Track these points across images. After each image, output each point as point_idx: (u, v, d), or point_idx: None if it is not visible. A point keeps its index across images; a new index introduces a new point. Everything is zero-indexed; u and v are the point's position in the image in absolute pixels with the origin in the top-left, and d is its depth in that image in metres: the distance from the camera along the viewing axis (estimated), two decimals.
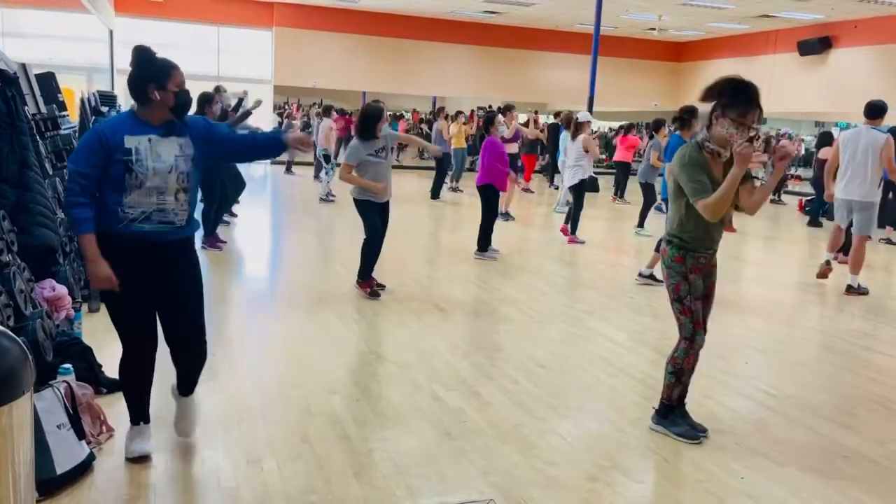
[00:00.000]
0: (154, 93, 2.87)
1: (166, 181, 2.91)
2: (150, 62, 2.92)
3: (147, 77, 2.88)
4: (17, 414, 1.78)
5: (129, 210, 2.87)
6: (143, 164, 2.85)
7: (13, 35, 12.97)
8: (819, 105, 19.86)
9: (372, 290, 5.93)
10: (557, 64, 22.83)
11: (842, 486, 3.18)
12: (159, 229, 2.94)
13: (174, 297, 3.07)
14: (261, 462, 3.10)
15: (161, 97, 2.88)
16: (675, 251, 3.45)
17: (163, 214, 2.93)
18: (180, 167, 2.94)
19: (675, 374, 3.56)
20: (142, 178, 2.85)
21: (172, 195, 2.94)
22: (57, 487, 2.74)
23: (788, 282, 7.88)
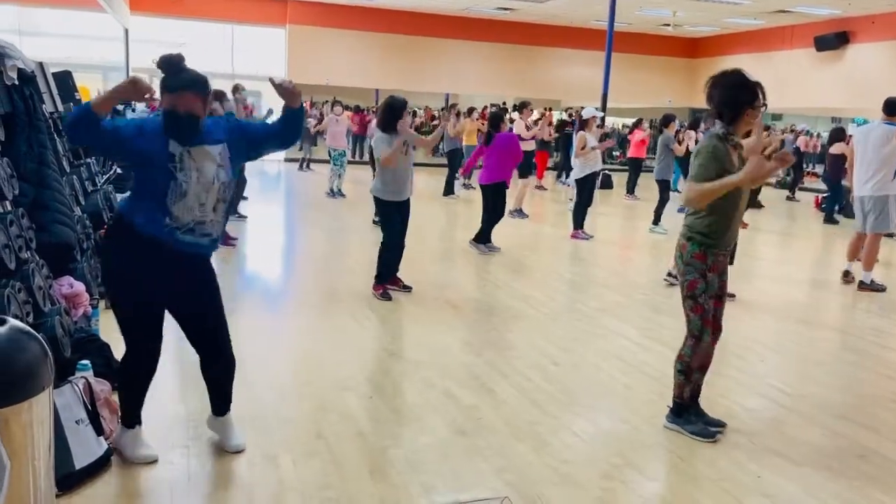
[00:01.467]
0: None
1: (208, 192, 2.86)
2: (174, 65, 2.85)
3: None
4: (36, 409, 1.81)
5: (172, 221, 2.81)
6: (187, 173, 2.80)
7: (30, 34, 13.10)
8: (836, 101, 19.69)
9: (384, 292, 5.84)
10: (571, 60, 22.76)
11: (859, 485, 3.16)
12: (198, 241, 2.90)
13: (201, 310, 3.07)
14: (276, 459, 3.12)
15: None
16: (695, 248, 3.41)
17: (203, 227, 2.89)
18: (221, 177, 2.89)
19: (684, 372, 3.54)
20: (185, 187, 2.79)
21: (212, 207, 2.89)
22: (76, 482, 2.77)
23: (804, 279, 7.82)
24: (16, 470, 1.75)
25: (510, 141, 7.91)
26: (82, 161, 6.03)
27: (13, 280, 3.36)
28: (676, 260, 3.55)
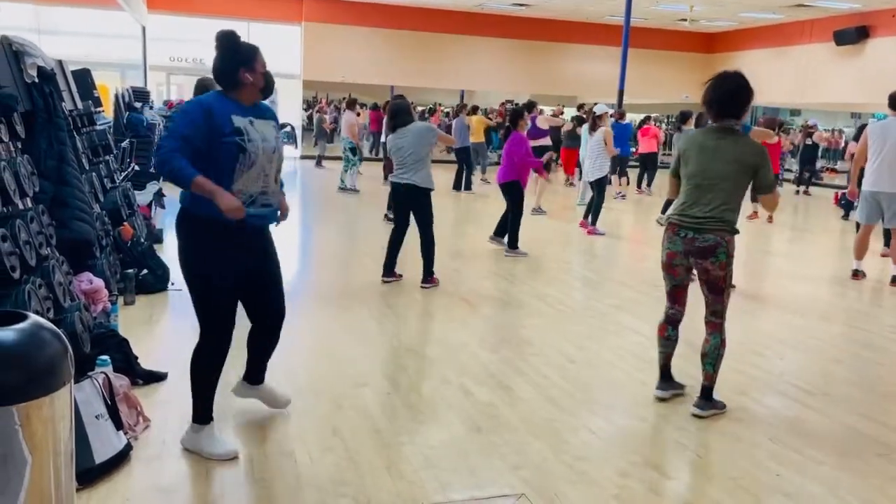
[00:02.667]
0: (245, 75, 2.93)
1: (271, 162, 2.97)
2: (236, 46, 2.97)
3: (238, 61, 2.93)
4: (57, 404, 1.82)
5: (237, 194, 2.87)
6: (255, 143, 2.89)
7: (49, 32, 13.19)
8: (855, 96, 19.43)
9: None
10: (587, 56, 22.62)
11: (879, 483, 3.13)
12: (261, 213, 3.00)
13: (268, 278, 3.19)
14: (293, 454, 3.13)
15: (253, 79, 2.94)
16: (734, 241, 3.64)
17: (265, 197, 2.99)
18: (278, 148, 3.03)
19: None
20: (253, 158, 2.89)
21: (273, 177, 3.01)
22: (96, 477, 2.79)
23: (823, 276, 7.74)
24: (37, 464, 1.77)
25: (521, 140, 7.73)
26: (101, 158, 6.08)
27: (34, 276, 3.40)
28: (719, 255, 3.60)
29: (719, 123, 3.63)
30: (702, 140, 3.69)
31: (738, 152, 3.58)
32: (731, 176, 3.59)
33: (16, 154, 3.77)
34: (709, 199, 3.59)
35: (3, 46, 4.12)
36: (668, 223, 3.75)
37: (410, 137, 5.99)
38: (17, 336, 1.76)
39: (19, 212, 3.55)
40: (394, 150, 6.10)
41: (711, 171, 3.60)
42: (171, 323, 5.07)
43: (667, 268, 3.79)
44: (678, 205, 3.72)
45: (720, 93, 3.59)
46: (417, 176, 5.97)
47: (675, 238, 3.68)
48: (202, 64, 19.81)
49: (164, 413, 3.44)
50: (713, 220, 3.58)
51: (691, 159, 3.69)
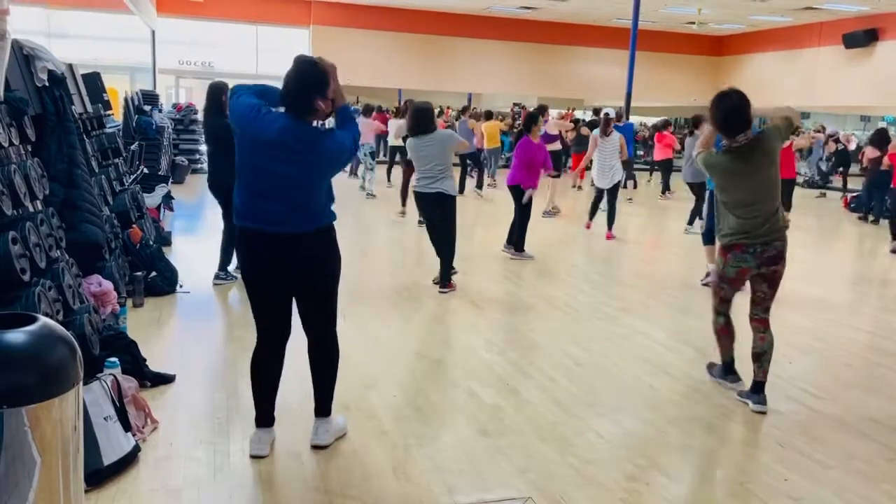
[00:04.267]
0: (319, 103, 2.95)
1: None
2: (315, 73, 2.95)
3: (315, 89, 2.93)
4: (66, 406, 1.83)
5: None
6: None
7: (60, 36, 13.30)
8: (865, 99, 19.35)
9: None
10: (595, 59, 22.60)
11: (889, 489, 3.11)
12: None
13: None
14: (300, 456, 3.14)
15: (324, 106, 2.97)
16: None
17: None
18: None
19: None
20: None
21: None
22: (104, 478, 2.81)
23: (833, 279, 7.70)
24: (46, 465, 1.78)
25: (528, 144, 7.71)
26: (110, 161, 6.12)
27: (43, 278, 3.42)
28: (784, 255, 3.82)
29: (733, 141, 3.74)
30: (727, 165, 3.78)
31: (765, 155, 3.74)
32: (773, 179, 3.77)
33: (26, 157, 3.80)
34: (764, 212, 3.75)
35: (15, 50, 4.15)
36: (732, 244, 3.82)
37: (436, 147, 5.94)
38: (27, 338, 1.77)
39: (29, 214, 3.58)
40: (418, 157, 6.01)
41: (757, 191, 3.75)
42: (180, 325, 5.09)
43: (734, 282, 3.95)
44: (737, 228, 3.80)
45: (725, 112, 3.72)
46: (445, 184, 5.98)
47: (745, 256, 3.81)
48: (211, 67, 19.90)
49: (172, 415, 3.46)
50: (774, 230, 3.77)
51: (727, 187, 3.82)
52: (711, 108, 3.78)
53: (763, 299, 3.91)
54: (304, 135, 2.92)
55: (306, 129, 2.94)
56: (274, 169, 2.90)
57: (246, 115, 2.95)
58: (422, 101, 6.30)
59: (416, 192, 6.14)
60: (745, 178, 3.75)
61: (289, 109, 2.94)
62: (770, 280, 3.86)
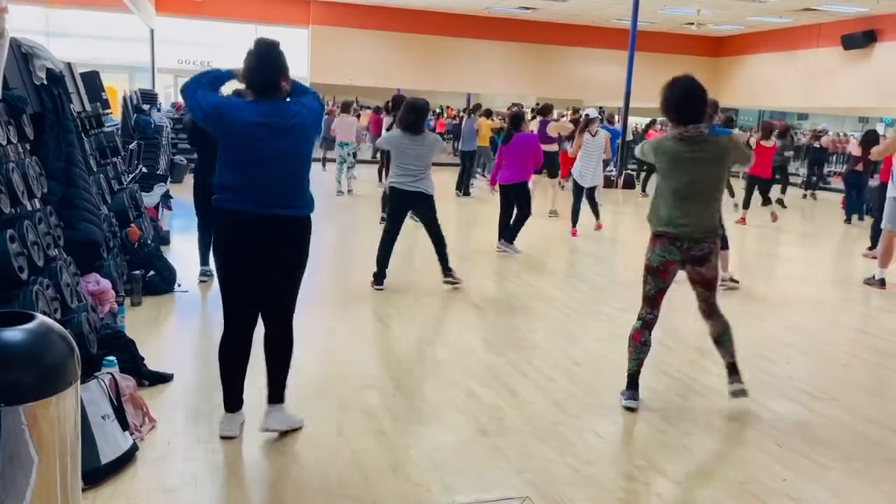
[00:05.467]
0: (284, 84, 3.09)
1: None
2: (276, 55, 3.11)
3: (278, 70, 3.09)
4: (64, 405, 1.82)
5: None
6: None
7: (58, 35, 13.30)
8: (863, 100, 19.36)
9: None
10: (593, 60, 22.61)
11: (887, 489, 3.11)
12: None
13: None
14: (298, 456, 3.13)
15: (286, 85, 3.11)
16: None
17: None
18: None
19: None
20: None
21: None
22: (102, 477, 2.80)
23: (831, 280, 7.71)
24: (43, 464, 1.77)
25: (529, 141, 7.77)
26: (109, 160, 6.11)
27: (41, 277, 3.41)
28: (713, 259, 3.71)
29: (684, 129, 3.60)
30: (675, 150, 3.66)
31: (719, 157, 3.67)
32: (715, 182, 3.70)
33: (24, 155, 3.79)
34: (698, 210, 3.66)
35: (13, 48, 4.14)
36: (659, 234, 3.73)
37: (426, 149, 5.96)
38: (25, 336, 1.77)
39: (27, 213, 3.57)
40: (404, 154, 5.95)
41: (696, 183, 3.65)
42: (178, 324, 5.09)
43: (659, 273, 3.78)
44: (667, 216, 3.69)
45: (676, 97, 3.61)
46: (425, 184, 5.99)
47: (671, 248, 3.70)
48: (210, 66, 19.90)
49: (170, 414, 3.45)
50: (707, 230, 3.67)
51: (670, 172, 3.70)
52: (661, 93, 3.67)
53: (704, 298, 3.83)
54: (278, 109, 3.07)
55: (277, 104, 3.10)
56: (261, 149, 3.03)
57: (217, 111, 3.08)
58: (419, 97, 6.24)
59: (396, 189, 6.04)
60: (686, 168, 3.62)
61: (256, 91, 3.10)
62: (702, 282, 3.76)
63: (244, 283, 3.15)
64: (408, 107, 6.04)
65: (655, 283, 3.81)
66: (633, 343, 3.86)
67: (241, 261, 3.11)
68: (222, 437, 3.21)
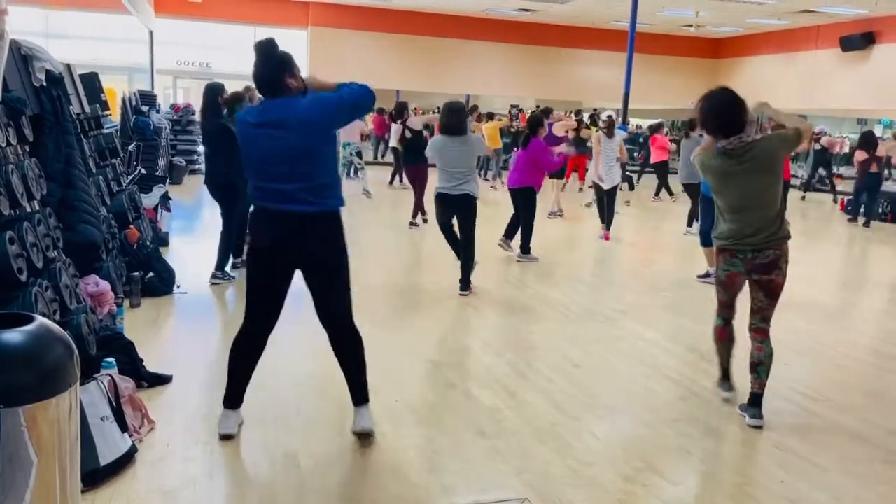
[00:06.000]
0: (290, 81, 3.06)
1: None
2: (276, 53, 3.09)
3: (281, 68, 3.07)
4: (63, 406, 1.83)
5: None
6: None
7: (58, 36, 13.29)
8: (862, 102, 19.38)
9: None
10: (592, 61, 22.62)
11: (884, 490, 3.11)
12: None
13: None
14: (297, 457, 3.13)
15: (297, 83, 3.08)
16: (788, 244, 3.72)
17: None
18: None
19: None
20: None
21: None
22: (101, 478, 2.80)
23: (829, 282, 7.72)
24: (42, 466, 1.77)
25: (542, 147, 7.74)
26: (108, 161, 6.11)
27: (40, 278, 3.41)
28: (781, 265, 3.70)
29: (727, 142, 3.56)
30: (720, 167, 3.61)
31: (762, 161, 3.56)
32: (768, 187, 3.61)
33: (23, 157, 3.79)
34: (757, 219, 3.60)
35: (13, 50, 4.15)
36: (723, 248, 3.73)
37: (470, 148, 5.95)
38: (24, 338, 1.77)
39: (26, 214, 3.57)
40: (447, 157, 5.92)
41: (749, 195, 3.60)
42: (177, 326, 5.09)
43: (726, 285, 3.82)
44: (726, 233, 3.69)
45: (713, 109, 3.57)
46: (471, 186, 5.98)
47: (734, 261, 3.69)
48: (209, 68, 19.89)
49: (169, 415, 3.45)
50: (769, 237, 3.62)
51: (720, 189, 3.69)
52: (697, 109, 3.65)
53: (760, 308, 3.77)
54: (280, 107, 3.04)
55: (279, 102, 3.06)
56: (267, 149, 3.03)
57: (237, 121, 3.19)
58: (455, 101, 6.27)
59: (441, 193, 6.02)
60: (736, 182, 3.59)
61: (263, 93, 3.10)
62: (766, 289, 3.71)
63: (265, 280, 3.17)
64: (447, 110, 6.06)
65: (726, 293, 3.87)
66: (720, 340, 3.97)
67: (268, 250, 3.13)
68: (221, 435, 3.22)
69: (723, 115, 3.56)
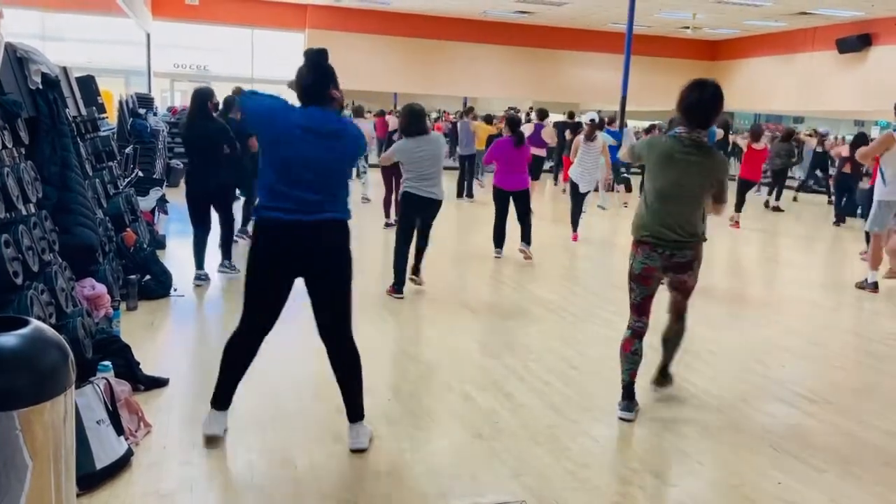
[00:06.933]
0: (334, 92, 3.11)
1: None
2: (326, 65, 3.14)
3: (329, 79, 3.12)
4: (58, 410, 1.82)
5: None
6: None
7: (54, 39, 13.25)
8: (858, 104, 19.43)
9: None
10: (590, 64, 22.67)
11: (881, 491, 3.12)
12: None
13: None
14: (293, 460, 3.13)
15: (338, 97, 3.13)
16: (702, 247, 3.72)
17: None
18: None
19: None
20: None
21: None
22: (96, 482, 2.79)
23: (824, 283, 7.72)
24: (38, 469, 1.77)
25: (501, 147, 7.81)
26: (104, 164, 6.11)
27: (36, 282, 3.41)
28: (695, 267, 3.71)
29: (689, 133, 3.55)
30: (670, 151, 3.57)
31: (711, 168, 3.60)
32: (699, 187, 3.61)
33: (19, 160, 3.79)
34: (681, 214, 3.59)
35: (8, 53, 4.15)
36: (641, 240, 3.67)
37: (434, 147, 5.89)
38: (19, 341, 1.76)
39: (22, 217, 3.57)
40: (415, 159, 5.86)
41: (685, 187, 3.57)
42: (173, 329, 5.08)
43: (642, 280, 3.72)
44: (648, 220, 3.64)
45: (702, 100, 3.52)
46: (439, 188, 5.96)
47: (652, 255, 3.64)
48: (206, 71, 19.89)
49: (166, 419, 3.45)
50: (689, 236, 3.61)
51: (658, 169, 3.61)
52: (684, 91, 3.54)
53: (676, 302, 3.87)
54: (329, 120, 3.09)
55: (330, 114, 3.11)
56: (306, 155, 3.02)
57: (270, 112, 3.10)
58: (413, 102, 6.24)
59: (412, 195, 5.89)
60: (676, 168, 3.54)
61: (307, 100, 3.10)
62: (680, 290, 3.79)
63: (269, 286, 3.16)
64: (405, 113, 6.01)
65: (640, 290, 3.75)
66: (623, 353, 3.82)
67: (275, 262, 3.11)
68: (206, 435, 3.20)
69: (708, 112, 3.54)
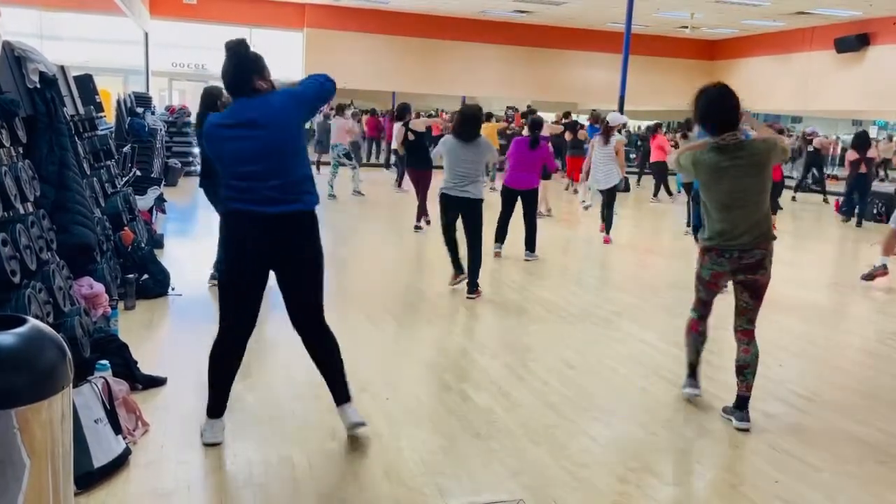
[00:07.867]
0: (260, 83, 3.02)
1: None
2: (247, 54, 3.05)
3: (251, 69, 3.03)
4: (56, 409, 1.82)
5: None
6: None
7: (52, 38, 13.28)
8: (856, 104, 19.47)
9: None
10: (588, 63, 22.69)
11: (879, 491, 3.12)
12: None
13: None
14: (291, 459, 3.13)
15: (267, 86, 3.05)
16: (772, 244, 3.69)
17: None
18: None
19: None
20: None
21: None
22: (94, 481, 2.79)
23: (824, 283, 7.74)
24: (35, 468, 1.77)
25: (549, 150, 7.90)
26: (102, 163, 6.10)
27: (34, 280, 3.41)
28: (766, 265, 3.65)
29: (720, 138, 3.54)
30: (716, 164, 3.56)
31: (754, 160, 3.54)
32: (758, 187, 3.57)
33: (17, 159, 3.79)
34: (744, 218, 3.57)
35: (6, 52, 4.14)
36: (710, 247, 3.67)
37: (480, 152, 5.97)
38: (17, 340, 1.76)
39: (20, 216, 3.57)
40: (456, 160, 5.93)
41: (739, 192, 3.56)
42: (171, 328, 5.08)
43: (709, 285, 3.77)
44: (713, 231, 3.64)
45: (710, 104, 3.55)
46: (476, 188, 5.99)
47: (720, 260, 3.64)
48: (204, 70, 19.88)
49: (164, 418, 3.44)
50: (757, 236, 3.59)
51: (710, 186, 3.63)
52: (692, 104, 3.61)
53: (746, 309, 3.73)
54: (257, 105, 3.00)
55: (250, 101, 3.02)
56: (247, 147, 2.98)
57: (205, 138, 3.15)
58: (471, 104, 6.27)
59: (446, 195, 6.04)
60: (727, 178, 3.54)
61: (232, 94, 3.07)
62: (750, 289, 3.68)
63: (238, 281, 3.13)
64: (463, 116, 6.08)
65: (707, 293, 3.83)
66: (691, 333, 3.94)
67: (243, 256, 3.09)
68: (206, 445, 3.19)
69: (722, 110, 3.54)
